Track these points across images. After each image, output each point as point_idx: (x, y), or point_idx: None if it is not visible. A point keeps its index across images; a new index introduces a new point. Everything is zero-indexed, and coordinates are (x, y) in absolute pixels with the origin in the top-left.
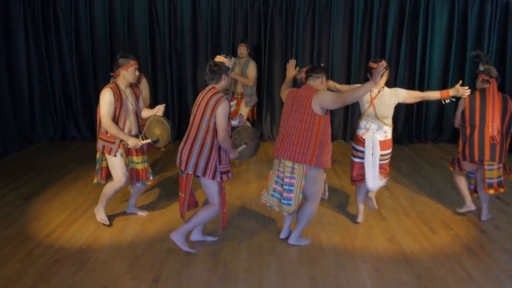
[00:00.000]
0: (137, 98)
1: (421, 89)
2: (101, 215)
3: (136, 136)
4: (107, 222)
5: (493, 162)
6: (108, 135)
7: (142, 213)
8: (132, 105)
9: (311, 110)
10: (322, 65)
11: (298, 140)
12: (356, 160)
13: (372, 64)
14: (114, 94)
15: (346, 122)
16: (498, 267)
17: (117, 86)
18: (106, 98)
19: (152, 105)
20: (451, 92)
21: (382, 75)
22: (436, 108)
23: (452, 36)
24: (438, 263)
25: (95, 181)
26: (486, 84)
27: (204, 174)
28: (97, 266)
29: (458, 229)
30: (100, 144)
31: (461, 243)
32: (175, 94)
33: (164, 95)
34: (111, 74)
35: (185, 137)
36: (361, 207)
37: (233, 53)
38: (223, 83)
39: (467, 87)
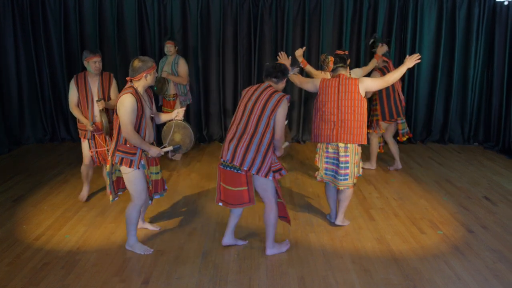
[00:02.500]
0: (152, 102)
1: (411, 89)
2: (139, 247)
3: (152, 144)
4: (151, 250)
5: (403, 117)
6: (128, 146)
7: (153, 228)
8: (150, 109)
9: (359, 95)
10: (346, 52)
11: (354, 123)
12: None
13: (339, 52)
14: (136, 100)
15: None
16: (486, 267)
17: (136, 91)
18: (129, 106)
19: None
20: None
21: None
22: (425, 109)
23: (441, 36)
24: (426, 263)
25: (111, 198)
26: (385, 63)
27: (258, 172)
28: (86, 269)
29: (446, 229)
30: (117, 156)
31: (449, 243)
32: None
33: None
34: (130, 79)
35: (234, 132)
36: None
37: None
38: (281, 86)
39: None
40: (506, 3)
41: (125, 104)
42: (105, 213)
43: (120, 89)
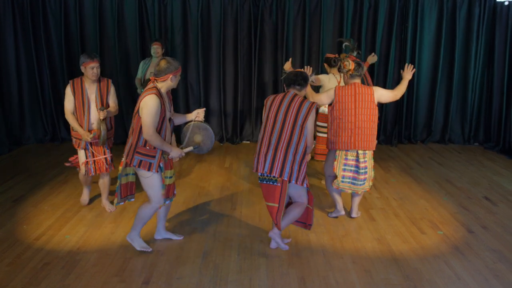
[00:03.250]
0: (171, 104)
1: (411, 89)
2: (139, 243)
3: None
4: (150, 249)
5: None
6: (148, 148)
7: (177, 237)
8: (169, 111)
9: (374, 104)
10: (336, 56)
11: (370, 130)
12: (321, 135)
13: (329, 55)
14: (160, 102)
15: None
16: (486, 267)
17: (160, 92)
18: (154, 107)
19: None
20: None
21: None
22: (426, 109)
23: (441, 36)
24: (427, 263)
25: (115, 202)
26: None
27: (296, 181)
28: (87, 269)
29: (446, 229)
30: (136, 159)
31: (449, 243)
32: None
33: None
34: (156, 79)
35: (268, 144)
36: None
37: (146, 53)
38: (303, 93)
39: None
40: (506, 3)
41: (150, 105)
42: (105, 214)
43: (118, 93)
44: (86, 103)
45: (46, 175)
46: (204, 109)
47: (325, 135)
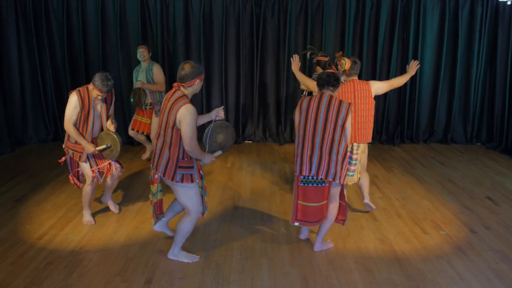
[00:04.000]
0: None
1: (413, 89)
2: (185, 255)
3: None
4: (197, 257)
5: None
6: (186, 159)
7: (171, 234)
8: None
9: (372, 99)
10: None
11: (367, 124)
12: None
13: (320, 58)
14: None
15: None
16: (488, 267)
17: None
18: (194, 117)
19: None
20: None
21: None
22: (428, 109)
23: (443, 36)
24: (429, 263)
25: (153, 223)
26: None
27: (340, 180)
28: (89, 269)
29: (448, 230)
30: (178, 174)
31: (452, 243)
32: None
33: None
34: (182, 85)
35: (312, 146)
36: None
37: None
38: (336, 93)
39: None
40: (509, 3)
41: (190, 116)
42: (108, 213)
43: (120, 94)
44: (91, 115)
45: (48, 175)
46: (223, 107)
47: None
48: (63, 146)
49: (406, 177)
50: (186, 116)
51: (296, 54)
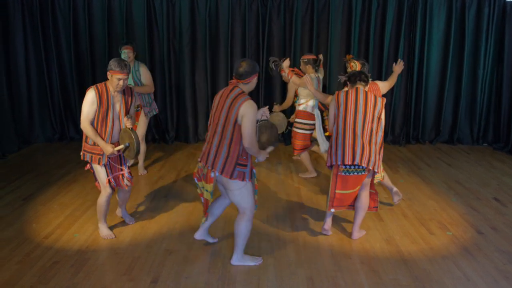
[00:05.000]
0: None
1: (419, 89)
2: (250, 259)
3: None
4: (260, 260)
5: None
6: (244, 157)
7: (214, 240)
8: None
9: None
10: (314, 57)
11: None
12: (300, 131)
13: (307, 56)
14: None
15: None
16: (495, 268)
17: None
18: (255, 113)
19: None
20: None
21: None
22: (434, 109)
23: (450, 36)
24: (435, 264)
25: (203, 221)
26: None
27: (378, 169)
28: (95, 268)
29: (455, 230)
30: (236, 171)
31: (458, 244)
32: (173, 93)
33: (162, 95)
34: (241, 81)
35: (353, 136)
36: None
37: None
38: (367, 87)
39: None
40: None
41: (252, 113)
42: (114, 213)
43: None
44: (110, 114)
45: (54, 174)
46: (267, 106)
47: (303, 131)
48: (81, 153)
49: (412, 178)
50: (249, 112)
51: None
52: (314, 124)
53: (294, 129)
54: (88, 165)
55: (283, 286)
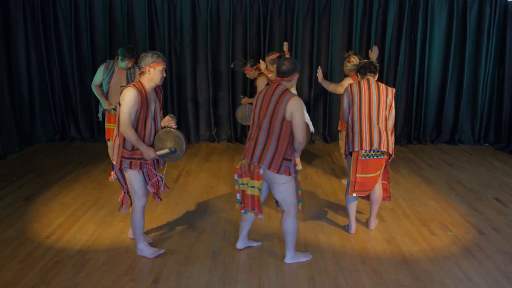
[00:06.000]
0: None
1: (421, 89)
2: (303, 255)
3: None
4: (310, 255)
5: None
6: (289, 152)
7: (257, 244)
8: None
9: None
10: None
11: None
12: None
13: (269, 57)
14: None
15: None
16: (497, 269)
17: None
18: (303, 108)
19: None
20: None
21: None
22: (435, 109)
23: (451, 36)
24: (437, 264)
25: (262, 217)
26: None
27: (393, 152)
28: (97, 268)
29: (456, 231)
30: (283, 166)
31: (460, 244)
32: (175, 93)
33: (164, 95)
34: (284, 79)
35: (370, 123)
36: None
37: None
38: (376, 77)
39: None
40: None
41: (301, 109)
42: (115, 212)
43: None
44: (149, 114)
45: (56, 174)
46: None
47: None
48: (114, 161)
49: (413, 178)
50: (299, 108)
51: (320, 67)
52: None
53: None
54: (113, 175)
55: (284, 286)
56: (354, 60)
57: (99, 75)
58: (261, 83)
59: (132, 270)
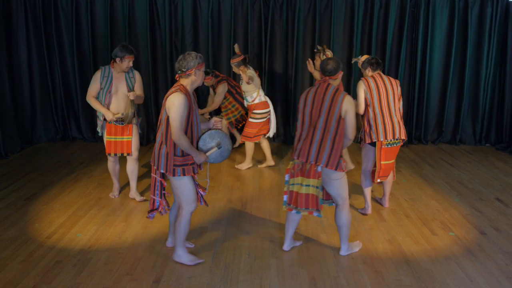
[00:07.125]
0: None
1: (422, 89)
2: (353, 245)
3: None
4: (358, 247)
5: None
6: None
7: (299, 243)
8: None
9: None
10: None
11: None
12: (257, 121)
13: (234, 60)
14: None
15: None
16: (498, 269)
17: None
18: (354, 105)
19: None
20: None
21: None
22: (437, 110)
23: (453, 36)
24: (438, 264)
25: (321, 215)
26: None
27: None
28: (98, 268)
29: (458, 231)
30: (339, 163)
31: (461, 244)
32: None
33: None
34: (331, 77)
35: (387, 112)
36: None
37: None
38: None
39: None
40: None
41: (354, 106)
42: (116, 212)
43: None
44: (194, 118)
45: (57, 174)
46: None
47: (257, 121)
48: (164, 171)
49: (415, 178)
50: (352, 106)
51: (309, 59)
52: (269, 112)
53: (250, 119)
54: (163, 182)
55: (286, 286)
56: (330, 53)
57: (96, 84)
58: (221, 89)
59: (134, 270)
